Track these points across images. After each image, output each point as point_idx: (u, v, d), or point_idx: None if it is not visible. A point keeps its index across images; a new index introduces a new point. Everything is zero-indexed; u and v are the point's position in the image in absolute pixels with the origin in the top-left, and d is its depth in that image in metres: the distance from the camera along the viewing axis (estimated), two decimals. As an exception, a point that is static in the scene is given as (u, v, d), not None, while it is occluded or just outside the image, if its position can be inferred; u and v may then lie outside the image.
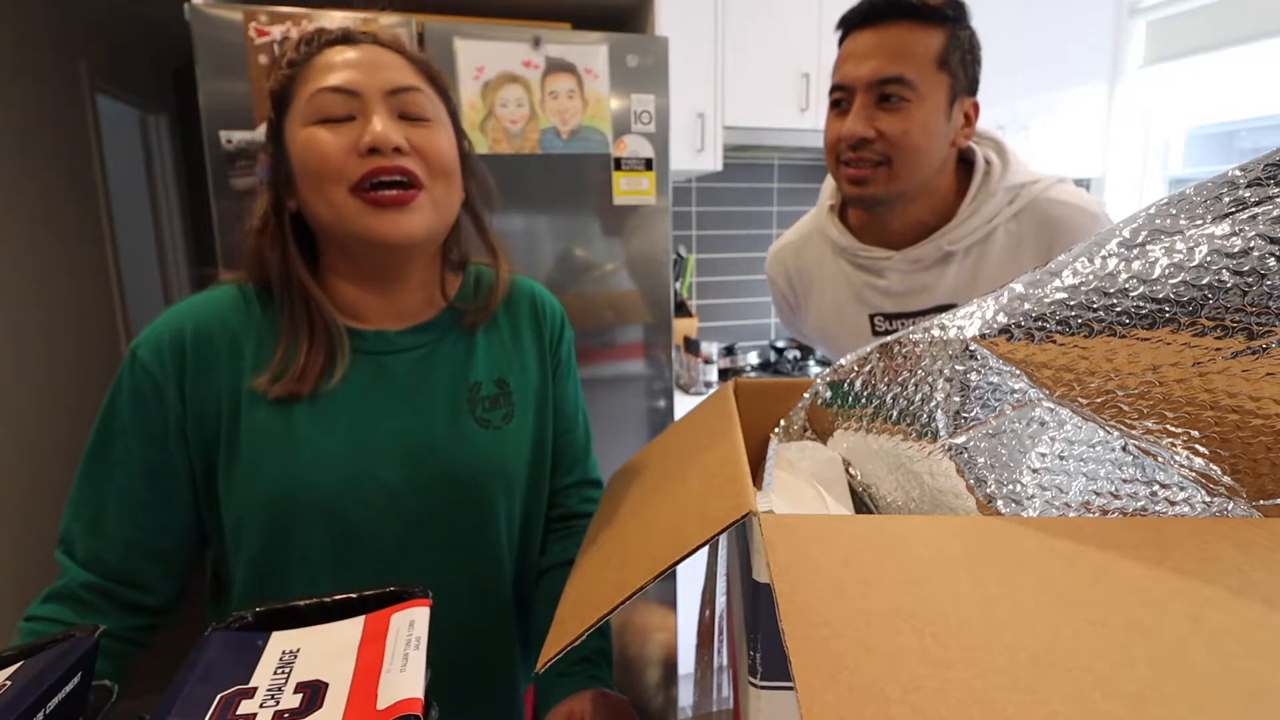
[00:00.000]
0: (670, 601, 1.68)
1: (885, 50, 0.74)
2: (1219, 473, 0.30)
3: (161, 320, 0.60)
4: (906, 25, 0.74)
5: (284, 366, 0.59)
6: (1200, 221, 0.31)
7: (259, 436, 0.58)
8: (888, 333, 0.89)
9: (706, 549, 0.35)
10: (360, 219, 0.56)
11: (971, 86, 0.79)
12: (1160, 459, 0.31)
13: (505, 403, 0.67)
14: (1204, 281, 0.29)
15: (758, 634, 0.31)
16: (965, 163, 0.85)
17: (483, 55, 1.30)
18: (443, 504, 0.63)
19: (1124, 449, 0.32)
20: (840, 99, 0.79)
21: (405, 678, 0.33)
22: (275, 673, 0.35)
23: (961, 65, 0.76)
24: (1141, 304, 0.31)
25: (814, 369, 2.31)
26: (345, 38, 0.59)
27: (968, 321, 0.39)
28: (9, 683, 0.31)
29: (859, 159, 0.77)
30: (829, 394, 0.51)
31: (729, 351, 2.30)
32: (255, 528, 0.59)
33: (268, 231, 0.61)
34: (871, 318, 0.90)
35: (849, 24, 0.79)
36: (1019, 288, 0.37)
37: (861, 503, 0.47)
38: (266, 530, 0.59)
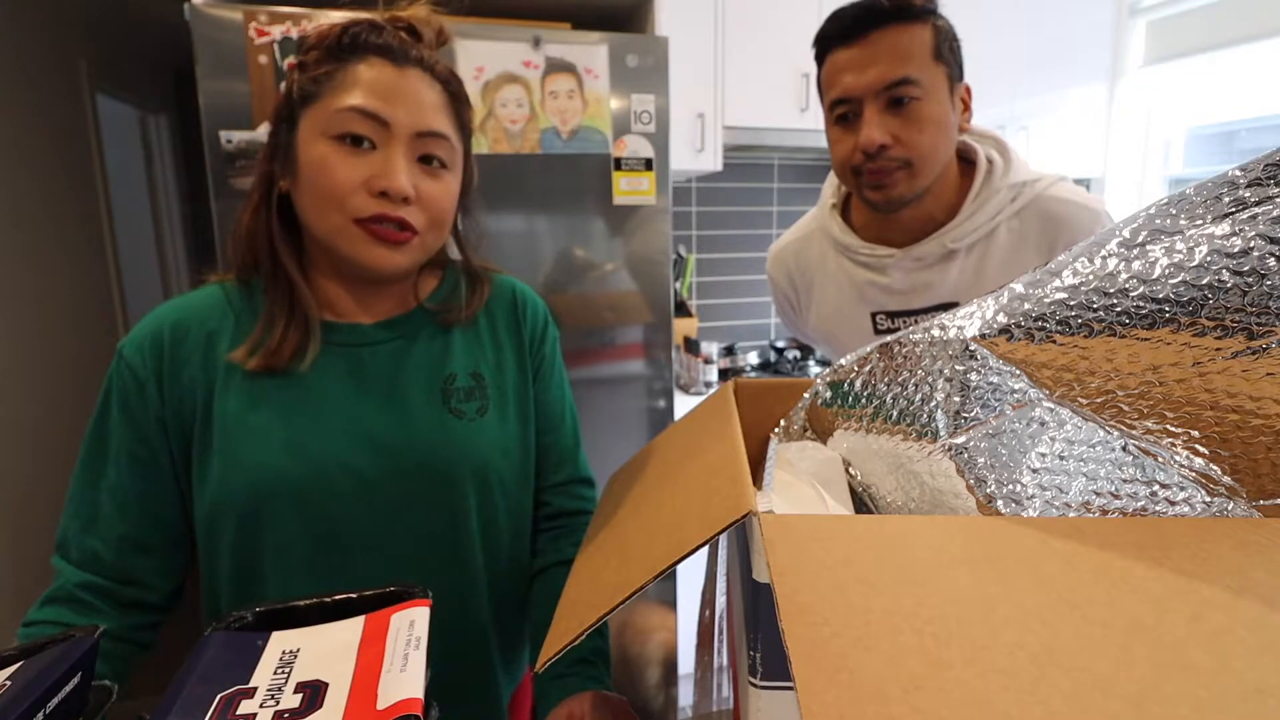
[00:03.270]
0: (670, 601, 1.68)
1: (883, 55, 0.74)
2: (1219, 473, 0.30)
3: (146, 320, 0.61)
4: (893, 29, 0.74)
5: (261, 341, 0.60)
6: (1200, 221, 0.31)
7: (231, 427, 0.59)
8: (889, 331, 0.89)
9: (706, 549, 0.35)
10: (354, 244, 0.59)
11: (961, 71, 0.79)
12: (1160, 459, 0.31)
13: (480, 395, 0.68)
14: (1204, 281, 0.29)
15: (758, 634, 0.31)
16: (967, 161, 0.85)
17: (483, 55, 1.30)
18: (414, 493, 0.63)
19: (1124, 449, 0.32)
20: (846, 112, 0.78)
21: (405, 678, 0.33)
22: (275, 673, 0.35)
23: (951, 53, 0.77)
24: (1141, 304, 0.31)
25: (814, 369, 2.31)
26: (390, 51, 0.59)
27: (968, 321, 0.39)
28: (9, 683, 0.31)
29: (878, 168, 0.77)
30: (829, 394, 0.51)
31: (729, 351, 2.30)
32: (229, 521, 0.59)
33: (260, 212, 0.62)
34: (874, 316, 0.90)
35: (830, 40, 0.78)
36: (1019, 288, 0.37)
37: (861, 503, 0.47)
38: (239, 523, 0.59)
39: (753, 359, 2.33)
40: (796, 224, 1.03)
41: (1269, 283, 0.27)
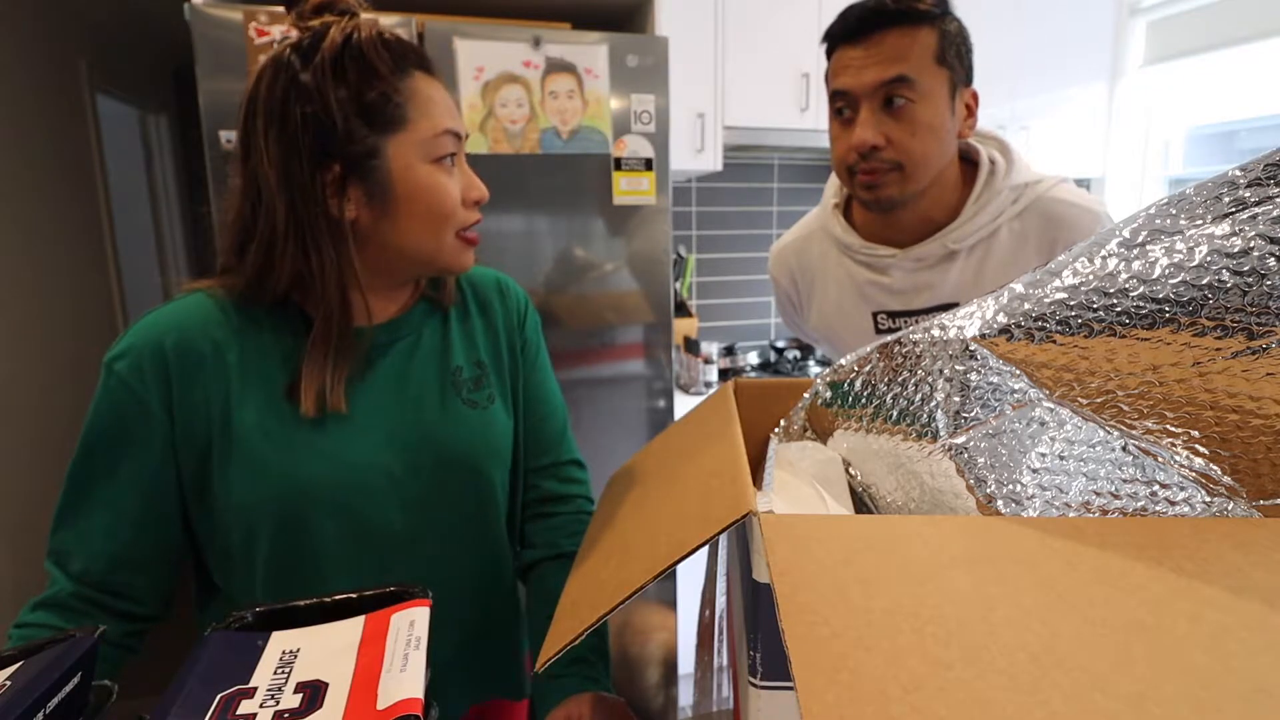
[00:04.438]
0: (670, 601, 1.68)
1: (882, 56, 0.74)
2: (1219, 473, 0.30)
3: (134, 332, 0.58)
4: (896, 31, 0.74)
5: (321, 389, 0.59)
6: (1200, 221, 0.31)
7: (255, 439, 0.58)
8: (890, 331, 0.89)
9: (706, 549, 0.35)
10: (455, 254, 0.63)
11: (968, 76, 0.79)
12: (1160, 459, 0.31)
13: (486, 383, 0.69)
14: (1204, 281, 0.29)
15: (758, 634, 0.31)
16: (969, 162, 0.85)
17: (483, 55, 1.30)
18: (445, 487, 0.65)
19: (1124, 449, 0.32)
20: (843, 107, 0.79)
21: (405, 678, 0.33)
22: (275, 673, 0.35)
23: (957, 57, 0.77)
24: (1141, 304, 0.31)
25: (814, 369, 2.31)
26: (424, 61, 0.61)
27: (968, 321, 0.39)
28: (9, 683, 0.31)
29: (871, 168, 0.77)
30: (829, 394, 0.51)
31: (729, 351, 2.30)
32: (264, 528, 0.59)
33: (325, 247, 0.58)
34: (875, 315, 0.90)
35: (837, 39, 0.78)
36: (1019, 288, 0.37)
37: (861, 503, 0.47)
38: (276, 529, 0.59)
39: (753, 359, 2.32)
40: (799, 223, 1.03)
41: (1269, 283, 0.27)
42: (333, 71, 0.56)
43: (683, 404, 1.79)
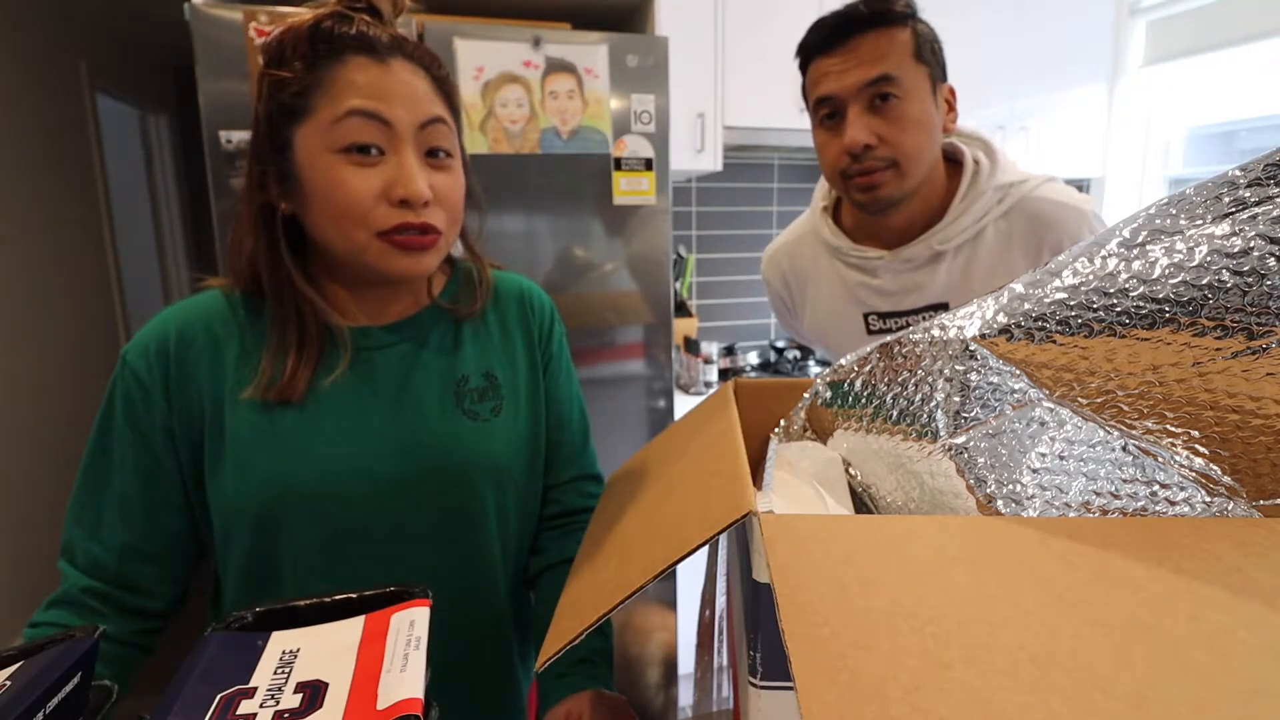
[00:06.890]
0: (670, 601, 1.68)
1: (861, 59, 0.75)
2: (1219, 473, 0.30)
3: (150, 325, 0.60)
4: (873, 34, 0.75)
5: (274, 375, 0.58)
6: (1200, 221, 0.31)
7: (243, 436, 0.58)
8: (882, 332, 0.90)
9: (706, 549, 0.35)
10: (383, 258, 0.57)
11: (944, 72, 0.80)
12: (1160, 459, 0.31)
13: (493, 395, 0.67)
14: (1204, 281, 0.29)
15: (758, 634, 0.31)
16: (955, 163, 0.86)
17: (483, 55, 1.30)
18: (431, 497, 0.63)
19: (1124, 449, 0.32)
20: (829, 114, 0.80)
21: (405, 678, 0.33)
22: (275, 673, 0.35)
23: (932, 54, 0.78)
24: (1141, 304, 0.31)
25: (814, 369, 2.31)
26: (367, 45, 0.55)
27: (968, 321, 0.39)
28: (9, 683, 0.31)
29: (865, 168, 0.78)
30: (829, 394, 0.51)
31: (729, 351, 2.30)
32: (243, 527, 0.59)
33: (260, 237, 0.59)
34: (866, 317, 0.90)
35: (812, 50, 0.79)
36: (1019, 288, 0.37)
37: (861, 503, 0.47)
38: (254, 529, 0.59)
39: (753, 359, 2.32)
40: (790, 226, 1.03)
41: (1269, 283, 0.27)
42: (272, 64, 0.56)
43: (683, 404, 1.79)
